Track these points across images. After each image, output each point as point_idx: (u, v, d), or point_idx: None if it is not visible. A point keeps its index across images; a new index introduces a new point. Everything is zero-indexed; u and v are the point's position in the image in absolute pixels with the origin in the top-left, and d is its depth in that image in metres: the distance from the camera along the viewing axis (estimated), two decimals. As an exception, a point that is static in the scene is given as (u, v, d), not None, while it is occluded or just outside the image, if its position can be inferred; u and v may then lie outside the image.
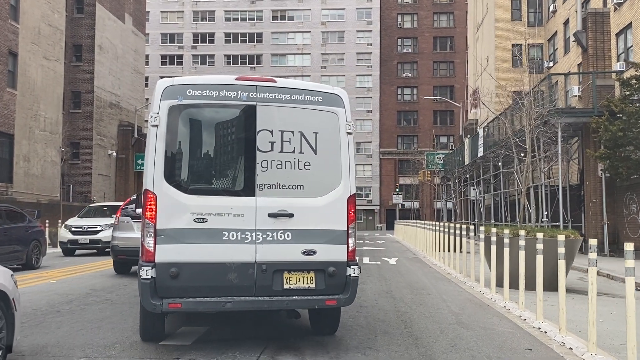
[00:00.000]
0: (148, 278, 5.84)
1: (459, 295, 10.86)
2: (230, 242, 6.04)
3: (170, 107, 6.11)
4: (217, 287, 6.00)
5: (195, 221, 6.01)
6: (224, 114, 6.35)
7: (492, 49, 42.59)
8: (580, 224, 21.59)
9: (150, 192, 6.00)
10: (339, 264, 6.27)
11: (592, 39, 20.62)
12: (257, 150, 6.22)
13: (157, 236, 5.93)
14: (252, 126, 6.26)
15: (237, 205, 6.12)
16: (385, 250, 24.63)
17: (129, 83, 48.59)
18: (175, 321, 7.75)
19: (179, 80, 6.26)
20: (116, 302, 9.73)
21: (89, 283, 12.15)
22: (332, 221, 6.32)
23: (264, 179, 6.20)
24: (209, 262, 5.98)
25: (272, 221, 6.15)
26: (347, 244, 6.33)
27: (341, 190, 6.41)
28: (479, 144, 31.30)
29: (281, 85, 6.44)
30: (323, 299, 6.20)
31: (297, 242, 6.19)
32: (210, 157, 6.34)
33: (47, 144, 37.10)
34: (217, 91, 6.24)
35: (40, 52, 36.05)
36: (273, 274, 6.10)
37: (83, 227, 20.42)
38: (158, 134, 6.06)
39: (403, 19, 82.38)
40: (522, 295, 9.01)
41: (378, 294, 10.80)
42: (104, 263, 17.18)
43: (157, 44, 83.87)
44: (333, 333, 7.15)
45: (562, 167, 20.12)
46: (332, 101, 6.53)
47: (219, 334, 7.30)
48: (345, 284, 6.29)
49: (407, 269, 16.12)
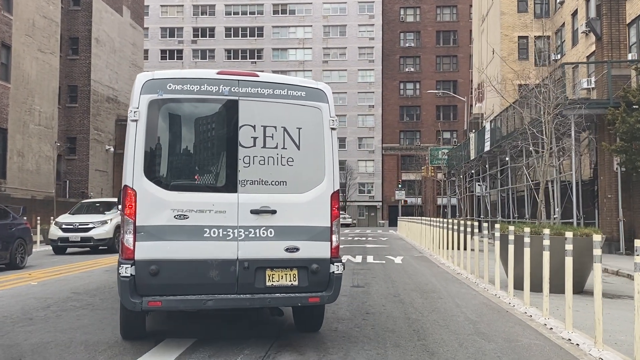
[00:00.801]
0: (127, 276, 5.70)
1: (473, 299, 9.96)
2: (212, 239, 5.91)
3: (150, 101, 5.96)
4: (198, 285, 5.86)
5: (175, 218, 5.87)
6: (205, 108, 6.19)
7: (497, 41, 41.60)
8: (594, 221, 20.68)
9: (129, 188, 5.85)
10: (323, 261, 6.17)
11: (606, 27, 19.67)
12: (239, 146, 6.10)
13: (136, 233, 5.79)
14: (234, 121, 6.14)
15: (219, 202, 6.00)
16: (390, 248, 23.73)
17: (127, 77, 47.62)
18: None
19: (159, 74, 6.12)
20: (98, 307, 8.85)
21: (72, 285, 11.28)
22: (316, 218, 6.22)
23: (246, 175, 6.08)
24: (189, 260, 5.84)
25: (254, 218, 6.04)
26: (330, 240, 6.24)
27: (325, 186, 6.31)
28: (485, 138, 30.38)
29: (264, 79, 6.31)
30: (306, 297, 6.11)
31: (280, 238, 6.09)
32: (191, 152, 6.19)
33: (42, 138, 36.23)
34: (199, 85, 6.09)
35: (34, 45, 35.15)
36: (255, 271, 5.99)
37: (74, 225, 19.55)
38: (138, 128, 5.92)
39: (406, 12, 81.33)
40: (547, 301, 8.11)
41: (385, 297, 9.91)
42: (95, 262, 16.32)
43: (156, 38, 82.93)
44: (317, 330, 7.06)
45: (575, 162, 19.16)
46: (316, 96, 6.41)
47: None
48: (328, 281, 6.20)
49: (414, 268, 15.22)
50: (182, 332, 7.08)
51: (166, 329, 7.26)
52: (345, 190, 78.18)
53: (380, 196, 79.93)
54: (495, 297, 10.12)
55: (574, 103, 17.63)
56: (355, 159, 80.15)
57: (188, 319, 7.72)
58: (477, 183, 36.25)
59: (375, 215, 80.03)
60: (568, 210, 21.94)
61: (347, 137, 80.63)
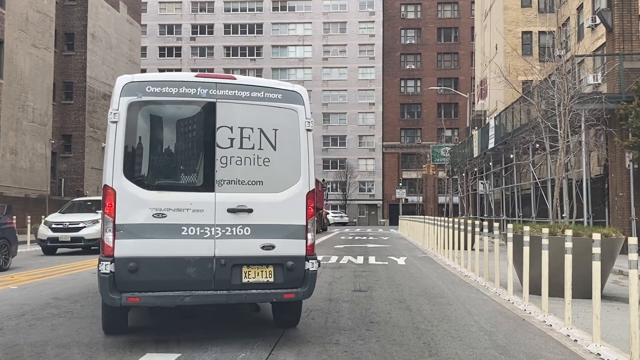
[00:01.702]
0: (107, 272, 5.87)
1: (485, 306, 9.21)
2: (189, 237, 6.06)
3: (129, 103, 6.10)
4: (175, 282, 6.00)
5: (154, 216, 6.02)
6: (183, 110, 6.33)
7: (500, 36, 40.82)
8: (604, 220, 19.92)
9: (109, 188, 6.01)
10: (298, 259, 6.33)
11: (618, 18, 18.88)
12: (216, 147, 6.24)
13: (116, 231, 5.94)
14: (211, 123, 6.28)
15: (196, 201, 6.14)
16: (392, 248, 22.98)
17: (124, 73, 46.83)
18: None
19: (138, 77, 6.28)
20: (77, 315, 8.11)
21: (54, 290, 10.53)
22: (291, 216, 6.38)
23: (224, 174, 6.23)
24: (167, 257, 5.98)
25: (231, 216, 6.18)
26: (305, 238, 6.40)
27: (300, 186, 6.46)
28: (489, 135, 29.60)
29: (241, 82, 6.47)
30: (281, 293, 6.26)
31: (256, 236, 6.23)
32: (170, 153, 6.35)
33: (36, 136, 35.48)
34: (177, 88, 6.24)
35: (28, 40, 34.40)
36: (232, 268, 6.14)
37: (64, 224, 18.77)
38: (117, 130, 6.06)
39: (407, 9, 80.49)
40: (569, 309, 7.36)
41: (390, 304, 9.16)
42: (84, 264, 15.58)
43: (155, 35, 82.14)
44: (295, 326, 7.19)
45: (585, 158, 18.39)
46: (292, 98, 6.57)
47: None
48: (303, 278, 6.36)
49: (419, 270, 14.47)
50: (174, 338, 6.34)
51: (153, 332, 6.54)
52: (346, 188, 77.45)
53: (380, 195, 79.16)
54: (508, 303, 9.38)
55: (586, 97, 16.84)
56: (355, 157, 79.40)
57: (183, 320, 7.08)
58: (480, 181, 35.47)
59: (375, 213, 79.27)
60: (577, 209, 21.17)
61: (348, 135, 79.89)
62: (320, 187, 43.01)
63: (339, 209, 75.06)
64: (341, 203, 77.64)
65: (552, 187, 22.03)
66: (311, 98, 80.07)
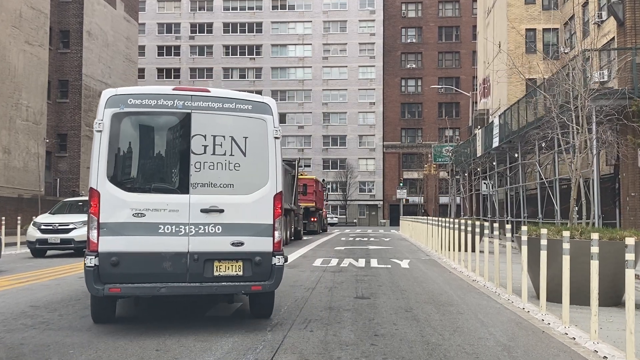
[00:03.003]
0: (92, 266, 6.52)
1: (499, 315, 8.48)
2: (165, 235, 6.68)
3: (112, 114, 6.71)
4: (153, 274, 6.62)
5: (134, 216, 6.65)
6: (161, 120, 6.96)
7: (504, 34, 40.10)
8: (614, 221, 19.20)
9: (94, 190, 6.65)
10: (265, 254, 6.91)
11: (629, 11, 18.18)
12: (191, 153, 6.86)
13: (100, 229, 6.58)
14: (187, 131, 6.89)
15: (173, 202, 6.77)
16: (394, 250, 22.25)
17: (121, 72, 46.15)
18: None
19: (121, 90, 6.93)
20: (52, 326, 7.37)
21: (35, 296, 9.79)
22: (259, 216, 6.96)
23: (197, 178, 6.84)
24: (145, 252, 6.61)
25: (204, 216, 6.78)
26: (272, 236, 6.98)
27: (268, 188, 7.04)
28: (493, 133, 28.87)
29: (214, 94, 7.10)
30: (249, 285, 6.85)
31: (227, 234, 6.82)
32: (149, 159, 7.03)
33: (30, 135, 34.75)
34: (156, 100, 6.86)
35: (22, 37, 33.67)
36: (204, 262, 6.74)
37: (53, 225, 18.03)
38: (102, 138, 6.70)
39: (407, 7, 79.77)
40: (596, 321, 6.63)
41: (396, 313, 8.42)
42: (73, 267, 14.84)
43: (153, 34, 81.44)
44: (268, 317, 7.74)
45: (595, 156, 17.62)
46: (261, 109, 7.14)
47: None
48: (270, 272, 6.94)
49: (424, 274, 13.73)
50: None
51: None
52: (346, 188, 76.69)
53: (381, 195, 78.43)
54: (524, 312, 8.64)
55: (604, 91, 16.08)
56: (355, 157, 78.67)
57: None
58: (483, 181, 34.73)
59: (376, 214, 78.54)
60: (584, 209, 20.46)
61: (348, 134, 79.16)
62: (321, 187, 42.24)
63: (330, 210, 74.22)
64: (341, 203, 76.87)
65: (559, 187, 21.31)
66: (311, 97, 79.51)
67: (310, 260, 16.82)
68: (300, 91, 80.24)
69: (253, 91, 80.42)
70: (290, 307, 8.79)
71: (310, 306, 8.87)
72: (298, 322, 7.64)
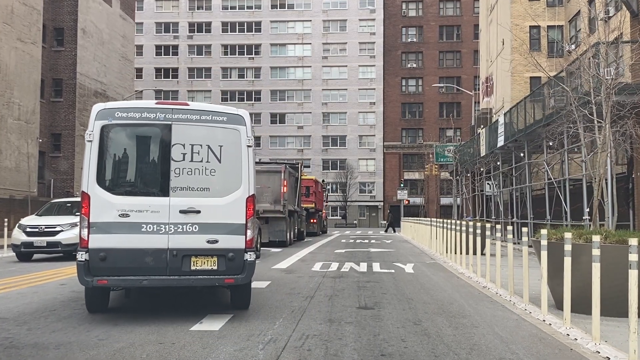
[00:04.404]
0: (83, 260, 7.31)
1: (518, 329, 7.63)
2: (148, 233, 7.40)
3: (102, 126, 7.51)
4: (136, 268, 7.36)
5: (120, 216, 7.40)
6: (145, 131, 7.72)
7: (507, 31, 39.27)
8: (627, 223, 18.33)
9: (85, 193, 7.45)
10: (238, 251, 7.57)
11: (644, 3, 17.33)
12: (171, 160, 7.58)
13: (90, 228, 7.36)
14: (168, 141, 7.61)
15: (154, 204, 7.50)
16: (397, 253, 21.38)
17: (117, 71, 45.30)
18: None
19: (110, 105, 7.71)
20: (16, 343, 6.52)
21: (5, 307, 8.92)
22: (233, 216, 7.60)
23: (177, 182, 7.56)
24: (130, 248, 7.35)
25: (182, 216, 7.48)
26: (245, 234, 7.62)
27: (241, 192, 7.71)
28: (498, 132, 28.02)
29: (193, 107, 7.82)
30: (223, 278, 7.53)
31: (203, 233, 7.50)
32: (134, 165, 7.83)
33: (22, 134, 33.88)
34: (140, 113, 7.64)
35: (13, 34, 32.82)
36: (182, 258, 7.43)
37: (39, 228, 17.15)
38: (92, 147, 7.47)
39: (408, 6, 78.95)
40: (635, 340, 5.77)
41: (403, 326, 7.57)
42: (58, 272, 14.01)
43: (151, 33, 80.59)
44: (246, 308, 8.42)
45: (609, 155, 16.72)
46: (235, 120, 7.85)
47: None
48: (243, 266, 7.59)
49: (430, 280, 12.87)
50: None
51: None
52: (346, 189, 75.81)
53: (381, 196, 77.56)
54: (545, 325, 7.79)
55: (623, 84, 15.17)
56: (355, 158, 77.81)
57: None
58: (487, 182, 33.87)
59: (376, 215, 77.65)
60: (580, 210, 19.64)
61: (348, 135, 78.30)
62: (320, 188, 41.36)
63: (330, 212, 73.35)
64: (341, 204, 75.98)
65: (568, 187, 20.47)
66: (311, 97, 78.67)
67: (309, 265, 15.97)
68: (299, 91, 79.38)
69: (252, 91, 79.74)
70: (286, 319, 7.95)
71: (309, 318, 8.03)
72: (294, 338, 6.80)
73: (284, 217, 24.04)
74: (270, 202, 23.86)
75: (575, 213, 20.35)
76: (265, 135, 78.64)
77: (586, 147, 14.50)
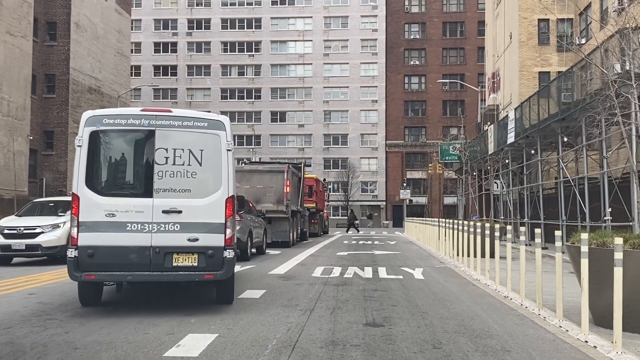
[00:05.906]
0: (72, 257, 7.93)
1: (558, 353, 6.36)
2: (132, 231, 8.00)
3: (90, 132, 8.16)
4: (121, 264, 7.96)
5: (106, 216, 8.00)
6: (130, 136, 8.36)
7: (515, 25, 37.99)
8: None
9: (75, 195, 8.06)
10: (217, 248, 8.12)
11: (670, -13, 16.01)
12: (155, 164, 8.17)
13: (79, 226, 7.97)
14: (151, 145, 8.22)
15: (139, 204, 8.11)
16: (403, 256, 20.09)
17: (112, 66, 44.05)
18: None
19: (98, 112, 8.40)
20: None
21: (-46, 323, 7.65)
22: (213, 216, 8.17)
23: (160, 184, 8.15)
24: (115, 246, 7.94)
25: (165, 216, 8.07)
26: (224, 233, 8.17)
27: (221, 193, 8.25)
28: (508, 129, 26.74)
29: (175, 114, 8.43)
30: (203, 274, 8.09)
31: (184, 231, 8.07)
32: (120, 168, 8.50)
33: (12, 131, 32.63)
34: (126, 119, 8.28)
35: (2, 27, 31.58)
36: (164, 255, 8.03)
37: (18, 229, 15.85)
38: (81, 152, 8.13)
39: (410, 3, 77.67)
40: None
41: (421, 350, 6.29)
42: (32, 278, 12.74)
43: (150, 30, 79.38)
44: (230, 303, 8.93)
45: (631, 151, 15.45)
46: (216, 126, 8.41)
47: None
48: (222, 263, 8.12)
49: (444, 288, 11.58)
50: None
51: None
52: (348, 189, 74.50)
53: (384, 195, 76.26)
54: (589, 348, 6.52)
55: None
56: (357, 157, 76.53)
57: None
58: (495, 180, 32.57)
59: (379, 215, 76.36)
60: (597, 210, 18.40)
61: (349, 133, 77.02)
62: (322, 188, 40.09)
63: (332, 212, 72.01)
64: (343, 204, 74.66)
65: (587, 185, 19.20)
66: (312, 95, 77.43)
67: (309, 270, 14.69)
68: (300, 89, 78.09)
69: (252, 89, 78.48)
70: (280, 340, 6.68)
71: (307, 339, 6.76)
72: (289, 368, 5.53)
73: (287, 218, 23.77)
74: (273, 202, 23.51)
75: (592, 213, 19.09)
76: (266, 133, 77.43)
77: (612, 140, 13.20)
